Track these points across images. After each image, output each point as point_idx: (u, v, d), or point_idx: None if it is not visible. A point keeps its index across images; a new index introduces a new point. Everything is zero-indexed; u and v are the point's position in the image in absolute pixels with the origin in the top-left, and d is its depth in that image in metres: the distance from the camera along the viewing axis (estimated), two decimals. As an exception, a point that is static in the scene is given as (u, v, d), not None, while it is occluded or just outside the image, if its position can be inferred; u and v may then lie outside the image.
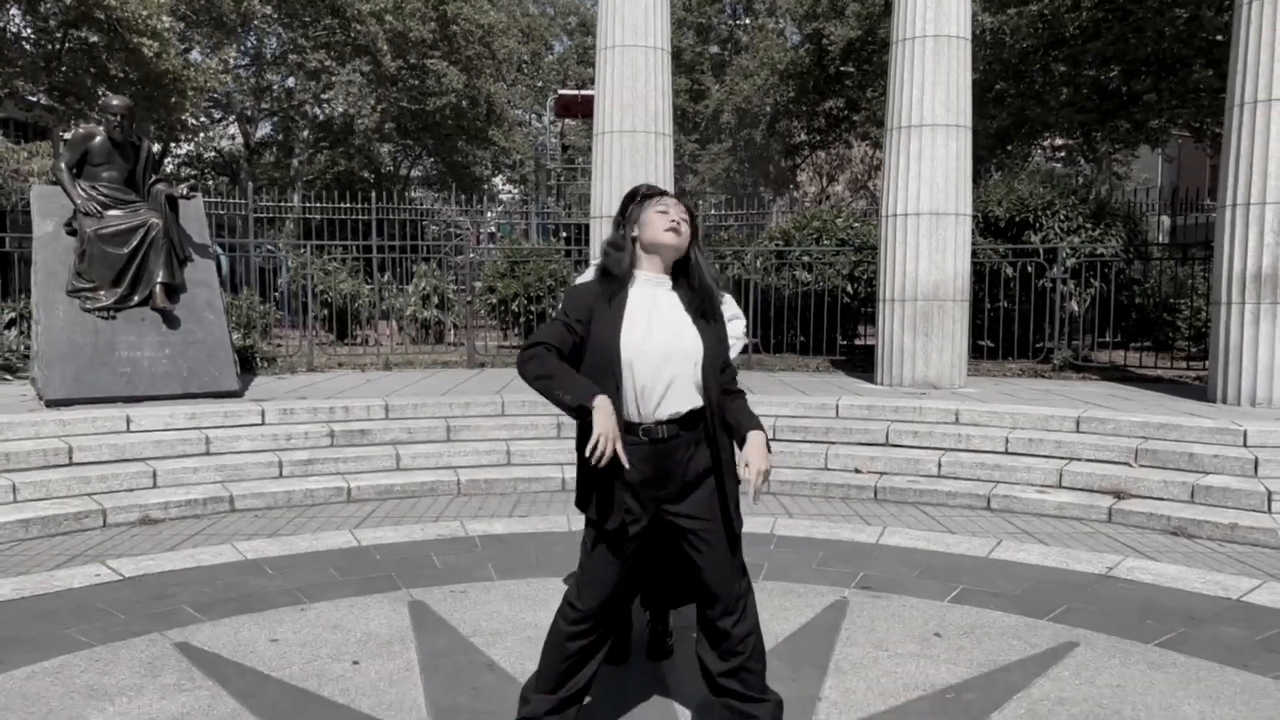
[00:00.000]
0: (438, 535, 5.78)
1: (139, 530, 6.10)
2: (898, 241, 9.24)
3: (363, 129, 28.00)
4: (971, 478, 7.06)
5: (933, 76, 9.11)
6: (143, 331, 8.20)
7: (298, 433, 7.42)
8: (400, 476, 7.13)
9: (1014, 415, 7.57)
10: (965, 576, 5.02)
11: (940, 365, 9.18)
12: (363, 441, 7.55)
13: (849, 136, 32.06)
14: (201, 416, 7.39)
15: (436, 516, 6.45)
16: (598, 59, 9.98)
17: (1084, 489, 6.71)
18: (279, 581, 4.92)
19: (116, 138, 8.49)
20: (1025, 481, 6.90)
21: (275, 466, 7.03)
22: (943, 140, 9.11)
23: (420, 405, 8.02)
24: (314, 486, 6.84)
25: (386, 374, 10.64)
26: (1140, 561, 5.27)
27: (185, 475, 6.74)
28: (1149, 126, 19.23)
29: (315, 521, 6.34)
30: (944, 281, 9.16)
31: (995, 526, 6.28)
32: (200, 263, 8.80)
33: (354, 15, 24.70)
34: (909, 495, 6.94)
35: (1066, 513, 6.47)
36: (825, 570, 5.12)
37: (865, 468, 7.31)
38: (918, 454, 7.38)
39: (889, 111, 9.46)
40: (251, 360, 10.46)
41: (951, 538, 5.80)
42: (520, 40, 35.16)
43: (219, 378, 8.31)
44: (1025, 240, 11.98)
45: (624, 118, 9.70)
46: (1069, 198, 12.43)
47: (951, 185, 9.14)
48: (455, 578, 4.97)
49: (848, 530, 5.93)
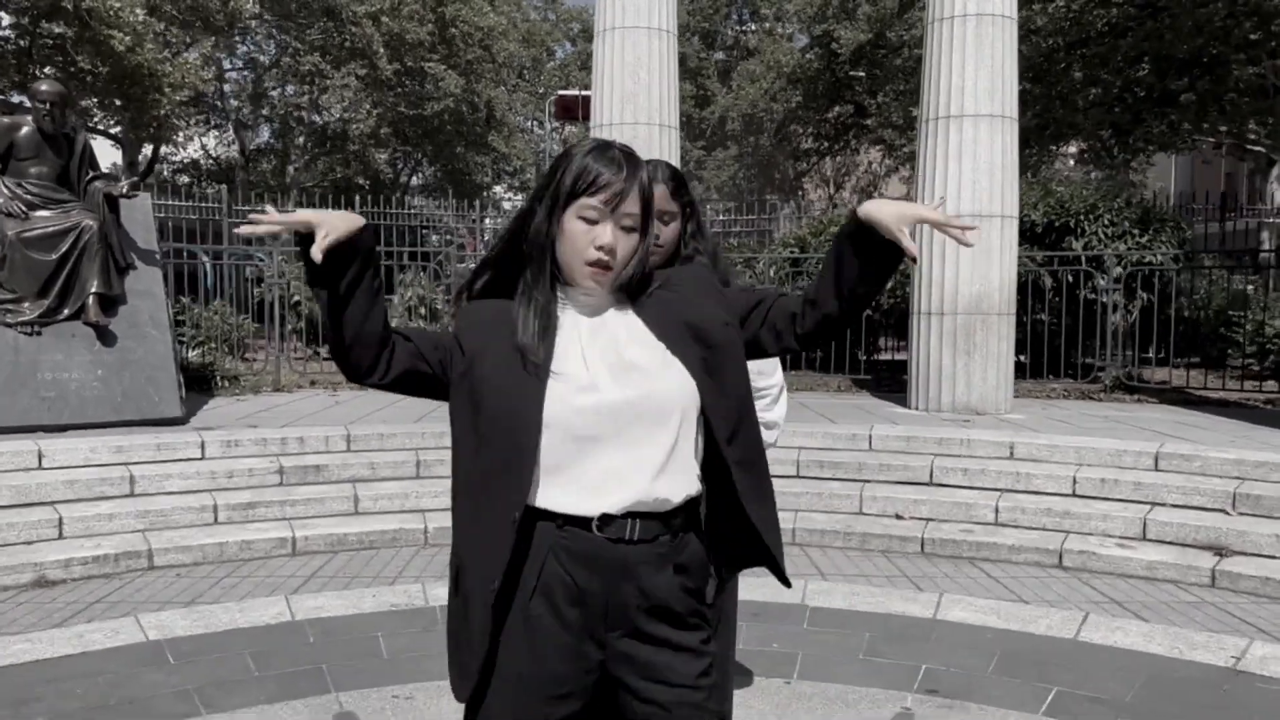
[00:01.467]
0: (391, 605, 4.69)
1: (29, 596, 5.01)
2: (934, 247, 8.15)
3: (358, 134, 27.04)
4: (1036, 526, 5.95)
5: (974, 61, 8.02)
6: (72, 350, 7.12)
7: (241, 469, 6.33)
8: (357, 523, 6.03)
9: (1079, 449, 6.46)
10: (1056, 671, 3.92)
11: (984, 388, 8.08)
12: (317, 479, 6.45)
13: (857, 143, 31.12)
14: (130, 450, 6.30)
15: (394, 577, 5.35)
16: (595, 44, 8.92)
17: (1175, 543, 5.59)
18: (178, 677, 3.84)
19: (47, 129, 7.42)
20: (1102, 532, 5.78)
21: (209, 511, 5.94)
22: (986, 132, 8.02)
23: (388, 435, 6.93)
24: (253, 536, 5.74)
25: (360, 394, 9.55)
26: (1273, 648, 4.16)
27: (98, 524, 5.65)
28: (1183, 128, 18.13)
29: (248, 583, 5.25)
30: (988, 292, 8.07)
31: (1074, 592, 5.16)
32: (144, 271, 7.71)
33: (349, 17, 23.74)
34: (963, 549, 5.82)
35: (1158, 574, 5.36)
36: (876, 662, 4.02)
37: (908, 513, 6.20)
38: (969, 496, 6.27)
39: (923, 101, 8.39)
40: (210, 380, 9.39)
41: (1025, 610, 4.70)
42: (521, 45, 34.23)
43: (159, 403, 7.24)
44: (1065, 247, 10.88)
45: (624, 109, 8.62)
46: (1113, 201, 11.34)
47: (996, 183, 8.05)
48: (402, 674, 3.87)
49: (897, 599, 4.82)
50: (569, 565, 1.65)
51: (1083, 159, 22.77)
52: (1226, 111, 17.73)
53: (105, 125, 21.14)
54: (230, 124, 29.85)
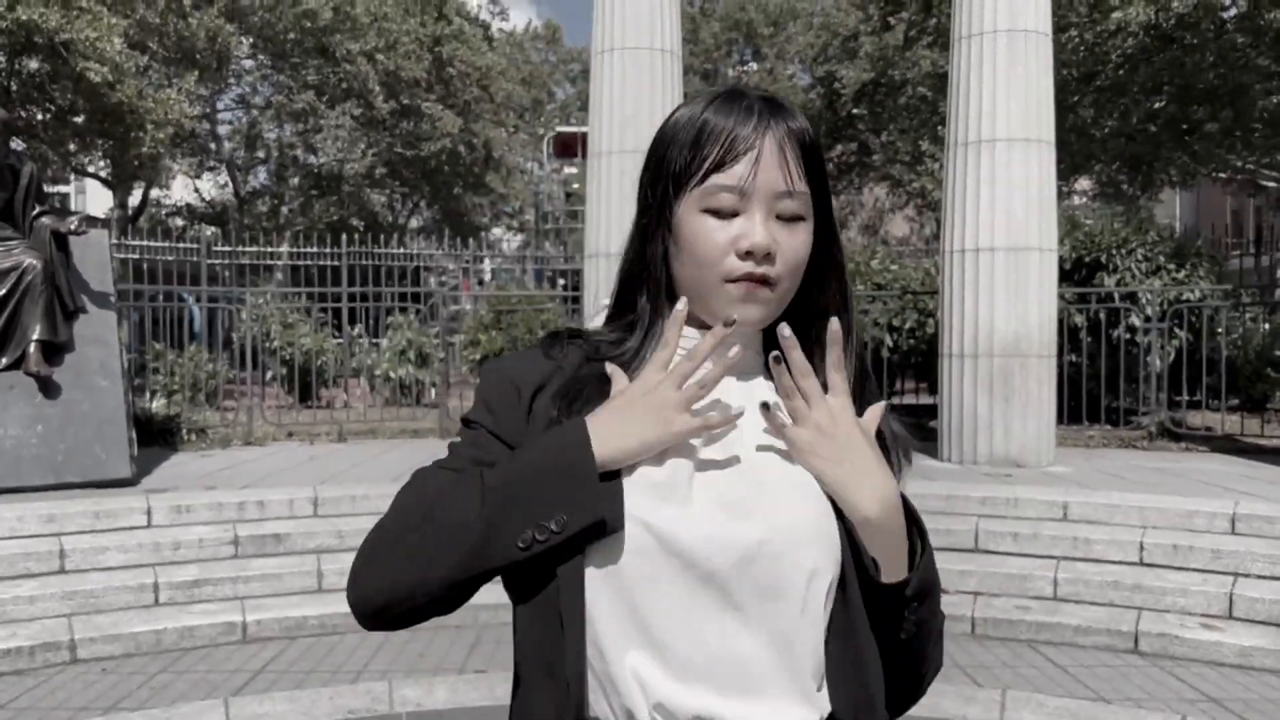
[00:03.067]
0: (349, 712, 3.92)
1: (-80, 701, 4.23)
2: (966, 283, 7.42)
3: (353, 174, 26.50)
4: (1103, 602, 5.15)
5: (1006, 81, 7.35)
6: (8, 403, 6.37)
7: (190, 539, 5.55)
8: (319, 603, 5.23)
9: (1143, 510, 5.68)
10: (1166, 803, 3.13)
11: (1024, 437, 7.31)
12: (276, 550, 5.66)
13: (861, 181, 30.60)
14: (62, 519, 5.52)
15: (357, 672, 4.55)
16: (593, 65, 8.25)
17: (1269, 623, 4.80)
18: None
19: (-13, 159, 6.76)
20: (1181, 610, 4.99)
21: (149, 591, 5.16)
22: (1020, 158, 7.33)
23: (360, 498, 6.14)
24: (196, 621, 4.96)
25: (339, 448, 8.80)
26: None
27: (17, 609, 4.86)
28: (1211, 157, 17.52)
29: (184, 680, 4.45)
30: (1026, 332, 7.32)
31: (1159, 685, 4.36)
32: (96, 315, 6.98)
33: (344, 55, 23.26)
34: (1020, 629, 5.03)
35: (1254, 661, 4.56)
36: (942, 793, 3.23)
37: (953, 587, 5.40)
38: (1022, 565, 5.47)
39: (950, 125, 7.71)
40: (175, 433, 8.62)
41: (1108, 712, 3.92)
42: (522, 86, 33.82)
43: (105, 462, 6.48)
44: (1096, 283, 10.17)
45: (625, 135, 7.94)
46: (1146, 234, 10.65)
47: (1033, 214, 7.34)
48: (349, 818, 3.09)
49: (952, 698, 4.04)
50: None
51: (1100, 193, 22.20)
52: (1252, 143, 17.14)
53: (92, 166, 20.55)
54: (224, 166, 29.35)
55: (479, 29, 30.40)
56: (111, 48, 13.95)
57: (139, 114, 15.45)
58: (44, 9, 13.49)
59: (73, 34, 13.61)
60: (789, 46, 31.20)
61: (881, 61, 23.75)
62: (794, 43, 29.37)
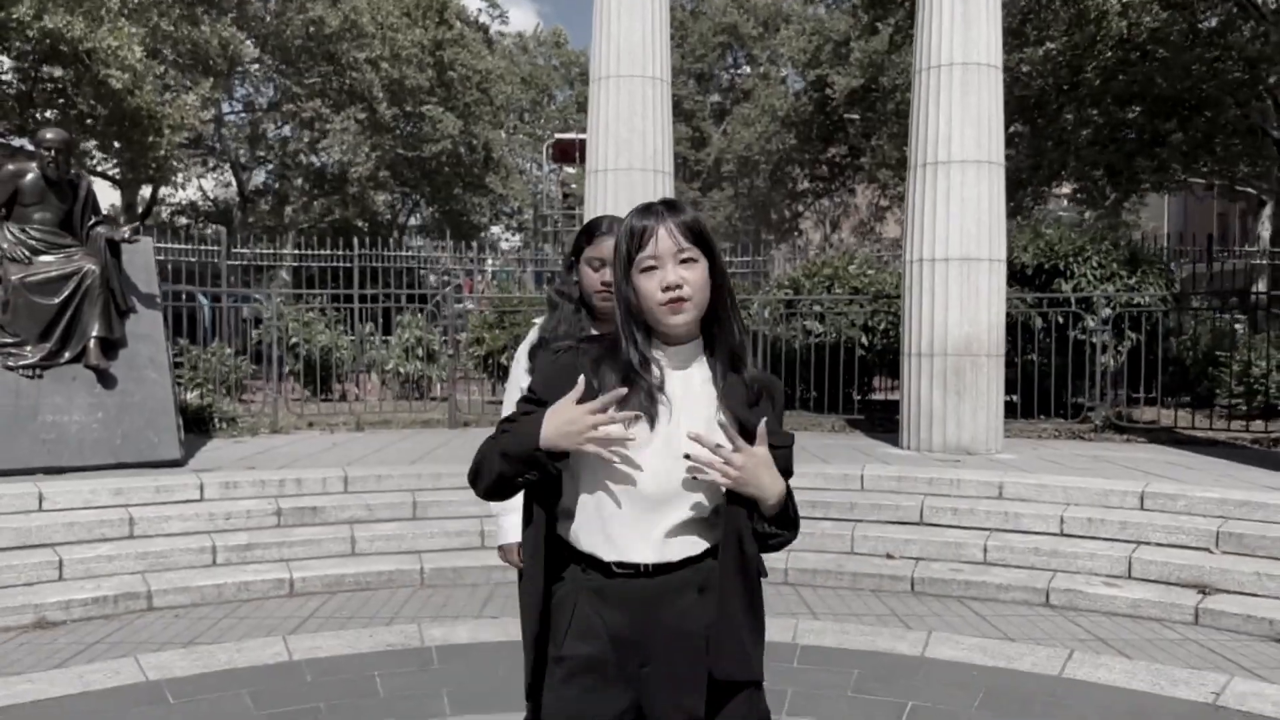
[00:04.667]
0: (388, 645, 4.76)
1: (30, 637, 5.07)
2: (924, 290, 8.29)
3: (357, 177, 27.29)
4: (1024, 565, 6.02)
5: (961, 108, 8.21)
6: (72, 393, 7.22)
7: (239, 511, 6.41)
8: (354, 564, 6.10)
9: (1067, 489, 6.55)
10: (1039, 707, 4.00)
11: (974, 428, 8.18)
12: (314, 520, 6.53)
13: (852, 182, 31.43)
14: (129, 492, 6.38)
15: (391, 618, 5.41)
16: (591, 91, 9.10)
17: (1160, 581, 5.67)
18: (178, 716, 3.91)
19: (51, 175, 7.56)
20: (1089, 571, 5.86)
21: (208, 553, 6.01)
22: (973, 178, 8.19)
23: (384, 477, 7.01)
24: (251, 578, 5.81)
25: (357, 436, 9.65)
26: (1252, 684, 4.24)
27: (98, 565, 5.72)
28: (1173, 168, 18.39)
29: (245, 624, 5.31)
30: (977, 334, 8.19)
31: (1060, 630, 5.24)
32: (145, 314, 7.82)
33: (349, 62, 24.05)
34: (952, 587, 5.90)
35: (1143, 612, 5.43)
36: (864, 699, 4.09)
37: (898, 553, 6.27)
38: (958, 536, 6.35)
39: (912, 147, 8.56)
40: (209, 422, 9.47)
41: (1011, 647, 4.78)
42: (521, 88, 34.60)
43: (158, 445, 7.33)
44: (1054, 289, 11.04)
45: (619, 155, 8.79)
46: (1101, 243, 11.52)
47: (984, 228, 8.20)
48: (399, 712, 3.94)
49: (886, 637, 4.90)
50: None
51: (1075, 199, 23.03)
52: (1216, 153, 17.99)
53: (104, 167, 21.30)
54: (228, 165, 30.08)
55: (479, 33, 31.24)
56: (132, 55, 14.73)
57: (157, 119, 16.25)
58: (69, 17, 14.28)
59: (95, 42, 14.38)
60: (781, 49, 31.85)
61: (871, 68, 24.56)
62: (787, 46, 30.05)
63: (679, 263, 1.80)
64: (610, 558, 1.81)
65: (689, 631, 1.81)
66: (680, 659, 1.81)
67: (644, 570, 1.80)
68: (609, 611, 1.81)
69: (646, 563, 1.80)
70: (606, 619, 1.81)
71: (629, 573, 1.80)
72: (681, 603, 1.81)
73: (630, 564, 1.80)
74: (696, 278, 1.81)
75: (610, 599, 1.81)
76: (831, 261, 13.08)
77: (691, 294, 1.79)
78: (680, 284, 1.78)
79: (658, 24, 8.84)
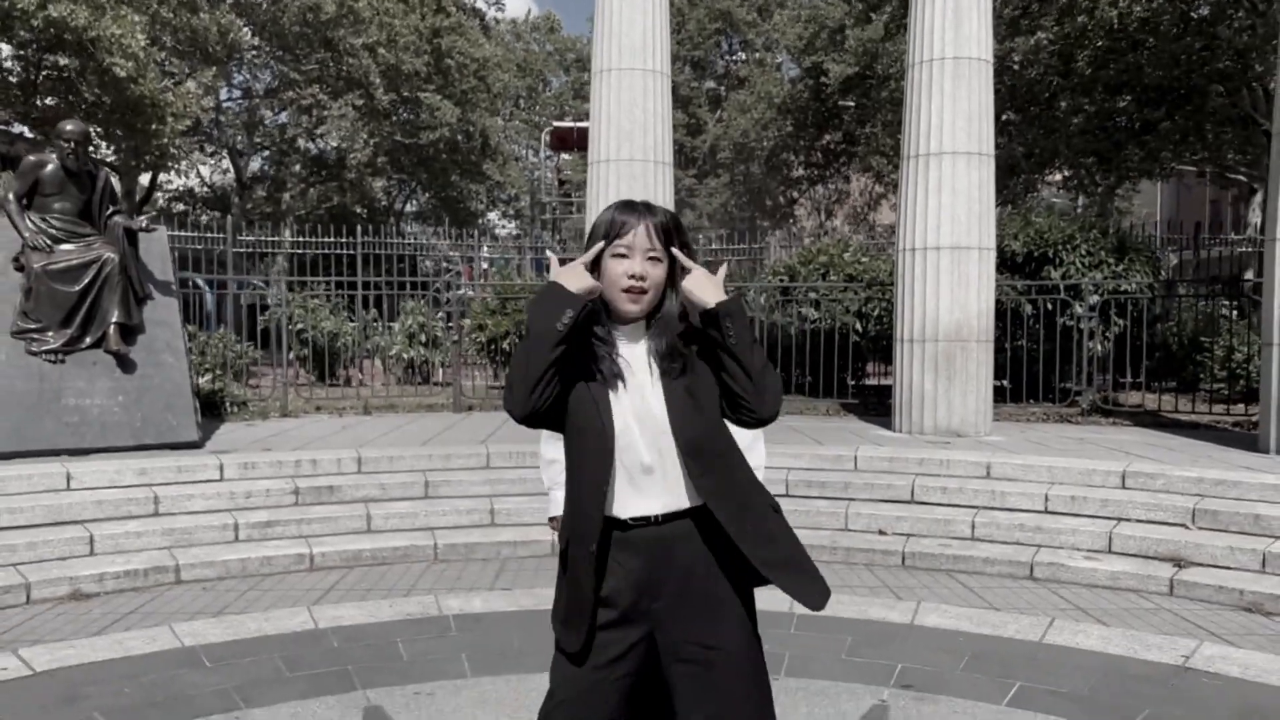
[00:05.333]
0: (407, 615, 5.04)
1: (67, 608, 5.35)
2: (916, 277, 8.56)
3: (355, 163, 27.45)
4: (1010, 541, 6.32)
5: (952, 101, 8.47)
6: (94, 377, 7.47)
7: (258, 490, 6.68)
8: (370, 540, 6.38)
9: (1051, 469, 6.85)
10: (1020, 668, 4.28)
11: (964, 411, 8.47)
12: (330, 499, 6.81)
13: (847, 170, 31.65)
14: (152, 472, 6.65)
15: (408, 590, 5.70)
16: (593, 83, 9.34)
17: (1138, 555, 5.97)
18: (216, 678, 4.17)
19: (70, 166, 7.79)
20: (1071, 546, 6.16)
21: (230, 530, 6.29)
22: (964, 169, 8.46)
23: (396, 458, 7.28)
24: (272, 553, 6.09)
25: (365, 419, 9.91)
26: (1220, 648, 4.54)
27: (127, 541, 5.99)
28: (1162, 156, 18.65)
29: (270, 596, 5.59)
30: (966, 320, 8.47)
31: (1043, 600, 5.53)
32: (161, 301, 8.08)
33: (346, 49, 24.18)
34: (941, 561, 6.19)
35: (1121, 583, 5.73)
36: (856, 661, 4.38)
37: (890, 529, 6.57)
38: (948, 513, 6.65)
39: (905, 139, 8.82)
40: (220, 405, 9.73)
41: (996, 616, 5.07)
42: (517, 75, 34.76)
43: (176, 427, 7.58)
44: (1044, 276, 11.33)
45: (621, 145, 9.04)
46: (1090, 231, 11.80)
47: (974, 217, 8.47)
48: (422, 674, 4.22)
49: (877, 607, 5.18)
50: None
51: (1067, 186, 23.29)
52: (1206, 141, 18.24)
53: (104, 154, 21.46)
54: (226, 151, 30.22)
55: (475, 20, 31.36)
56: (135, 43, 14.90)
57: (160, 107, 16.42)
58: (73, 6, 14.45)
59: (99, 30, 14.55)
60: (776, 36, 32.00)
61: (866, 56, 24.75)
62: (783, 33, 30.22)
63: (647, 259, 2.10)
64: (625, 515, 2.10)
65: (696, 571, 2.12)
66: (690, 593, 2.11)
67: (654, 520, 2.10)
68: (627, 557, 2.10)
69: (656, 514, 2.10)
70: (624, 564, 2.10)
71: (642, 524, 2.11)
72: (691, 545, 2.11)
73: (641, 516, 2.10)
74: (658, 276, 2.12)
75: (628, 548, 2.11)
76: (827, 249, 13.34)
77: (649, 289, 2.11)
78: (644, 276, 2.10)
79: (658, 19, 9.08)
